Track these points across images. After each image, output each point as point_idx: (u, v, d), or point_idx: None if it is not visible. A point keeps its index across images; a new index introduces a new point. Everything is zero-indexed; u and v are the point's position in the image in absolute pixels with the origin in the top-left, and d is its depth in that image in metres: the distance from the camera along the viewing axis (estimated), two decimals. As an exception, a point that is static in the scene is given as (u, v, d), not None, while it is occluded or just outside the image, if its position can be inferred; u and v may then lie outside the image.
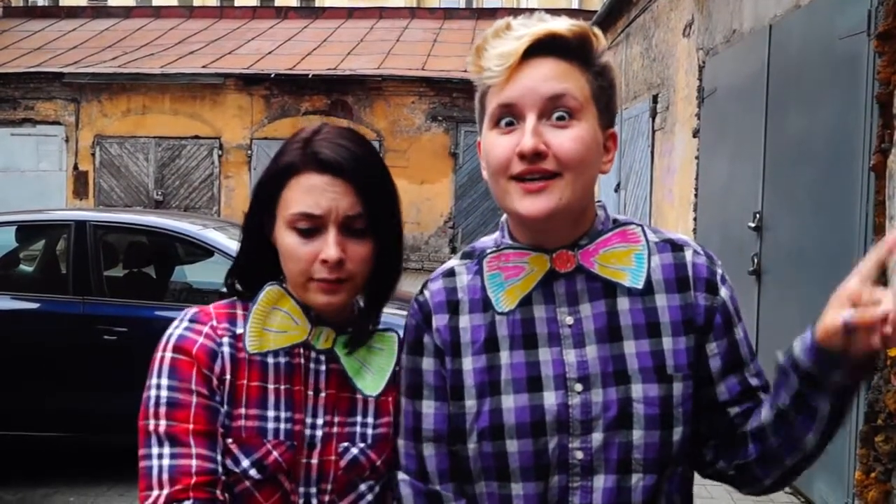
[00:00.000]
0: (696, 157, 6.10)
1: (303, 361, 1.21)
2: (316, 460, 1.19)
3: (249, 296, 1.22)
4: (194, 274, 5.36)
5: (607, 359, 1.12)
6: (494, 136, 1.11)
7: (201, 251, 4.63)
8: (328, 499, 1.19)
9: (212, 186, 14.54)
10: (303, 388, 1.20)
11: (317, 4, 22.78)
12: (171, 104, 14.47)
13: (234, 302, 1.24)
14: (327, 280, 1.15)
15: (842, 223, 3.62)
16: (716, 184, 5.61)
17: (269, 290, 1.21)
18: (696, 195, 6.14)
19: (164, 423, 1.12)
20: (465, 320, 1.17)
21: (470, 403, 1.14)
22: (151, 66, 14.57)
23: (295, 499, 1.18)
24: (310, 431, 1.19)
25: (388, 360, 1.24)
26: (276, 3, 22.22)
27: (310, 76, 14.14)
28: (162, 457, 1.11)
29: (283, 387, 1.18)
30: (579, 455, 1.10)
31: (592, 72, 1.11)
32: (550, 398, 1.11)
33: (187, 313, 1.20)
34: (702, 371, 1.15)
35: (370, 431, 1.22)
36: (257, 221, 1.22)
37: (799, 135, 4.17)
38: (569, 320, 1.13)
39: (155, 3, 21.55)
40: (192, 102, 14.45)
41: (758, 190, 4.65)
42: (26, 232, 5.05)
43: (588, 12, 13.54)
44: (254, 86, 14.37)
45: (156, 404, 1.13)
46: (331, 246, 1.14)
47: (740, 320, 1.18)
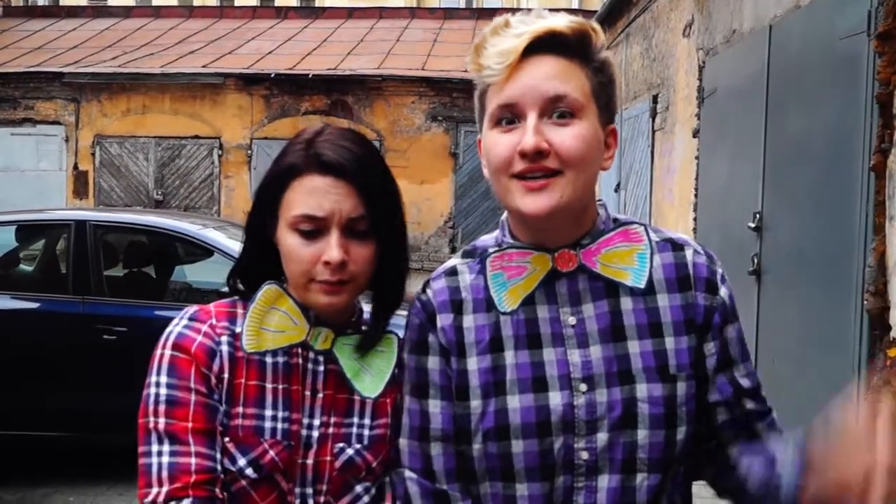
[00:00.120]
0: (696, 157, 6.09)
1: (301, 362, 1.20)
2: (312, 461, 1.18)
3: (250, 295, 1.22)
4: (194, 274, 5.36)
5: (611, 359, 1.11)
6: (495, 134, 1.10)
7: (201, 251, 4.64)
8: (324, 499, 1.19)
9: (212, 186, 14.54)
10: (300, 389, 1.19)
11: (317, 4, 22.77)
12: (171, 104, 14.47)
13: (235, 301, 1.23)
14: (329, 282, 1.15)
15: (842, 223, 3.62)
16: (716, 184, 5.60)
17: (268, 290, 1.21)
18: (696, 195, 6.14)
19: (164, 421, 1.12)
20: (469, 320, 1.16)
21: (475, 404, 1.13)
22: (151, 66, 14.57)
23: (291, 499, 1.18)
24: (306, 432, 1.18)
25: (387, 362, 1.24)
26: (276, 3, 22.21)
27: (310, 76, 14.14)
28: (161, 454, 1.11)
29: (280, 386, 1.18)
30: (584, 455, 1.10)
31: (592, 68, 1.10)
32: (556, 398, 1.10)
33: (187, 312, 1.20)
34: (700, 371, 1.15)
35: (367, 433, 1.21)
36: (259, 222, 1.22)
37: (799, 135, 4.17)
38: (571, 320, 1.13)
39: (155, 3, 21.54)
40: (192, 102, 14.45)
41: (758, 190, 4.65)
42: (26, 231, 5.05)
43: (588, 12, 13.55)
44: (254, 86, 14.37)
45: (155, 402, 1.13)
46: (333, 248, 1.13)
47: (737, 320, 1.18)
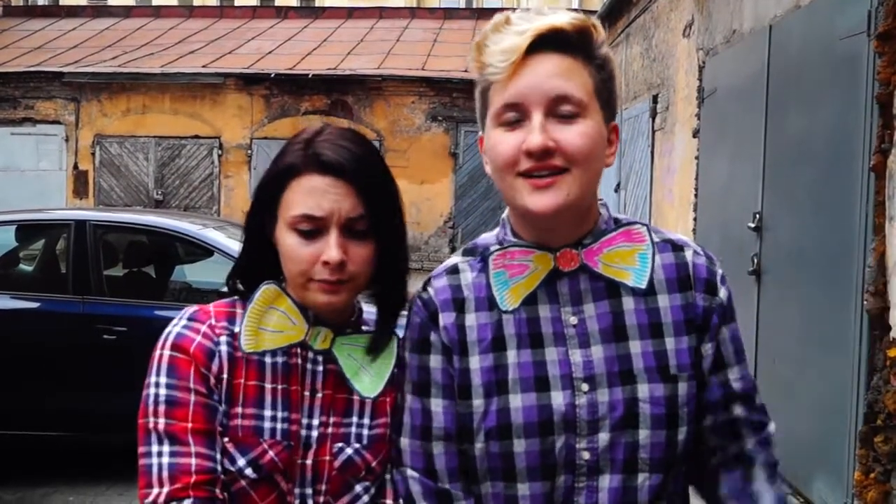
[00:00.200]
0: (696, 158, 6.09)
1: (300, 362, 1.20)
2: (311, 461, 1.18)
3: (249, 295, 1.22)
4: (194, 273, 5.36)
5: (613, 359, 1.11)
6: (500, 133, 1.10)
7: (201, 251, 4.64)
8: (323, 499, 1.19)
9: (212, 186, 14.53)
10: (299, 389, 1.19)
11: (317, 4, 22.77)
12: (171, 104, 14.47)
13: (235, 301, 1.23)
14: (328, 281, 1.14)
15: (842, 223, 3.62)
16: (716, 184, 5.60)
17: (266, 290, 1.20)
18: (696, 195, 6.14)
19: (164, 422, 1.12)
20: (471, 318, 1.16)
21: (477, 403, 1.13)
22: (151, 66, 14.57)
23: (291, 499, 1.17)
24: (305, 432, 1.18)
25: (386, 361, 1.23)
26: (276, 3, 22.21)
27: (310, 76, 14.13)
28: (161, 455, 1.11)
29: (280, 386, 1.18)
30: (586, 455, 1.10)
31: (594, 65, 1.10)
32: (558, 398, 1.10)
33: (186, 312, 1.20)
34: (697, 372, 1.15)
35: (366, 432, 1.21)
36: (258, 222, 1.21)
37: (799, 135, 4.17)
38: (573, 320, 1.13)
39: (155, 3, 21.54)
40: (191, 102, 14.45)
41: (758, 190, 4.65)
42: (26, 231, 5.05)
43: (588, 12, 13.57)
44: (254, 85, 14.37)
45: (154, 402, 1.13)
46: (332, 248, 1.13)
47: (734, 321, 1.18)
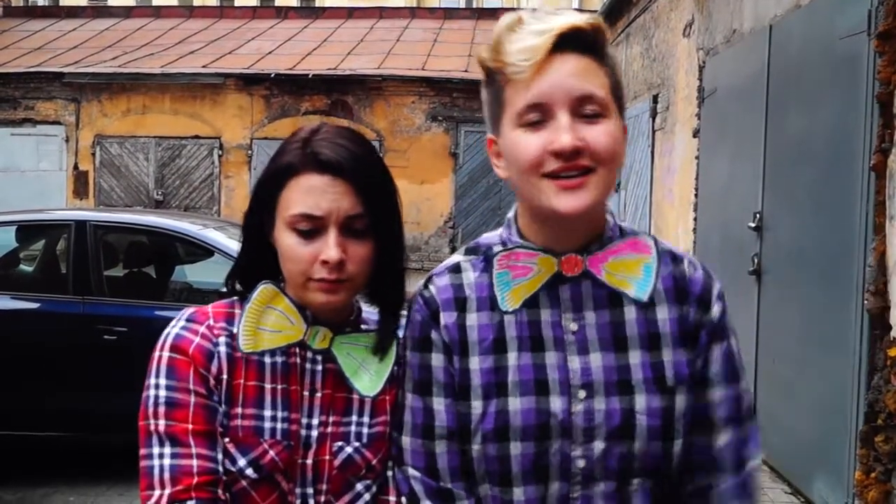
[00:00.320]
0: (697, 157, 6.09)
1: (299, 361, 1.20)
2: (311, 460, 1.18)
3: (247, 295, 1.22)
4: (194, 274, 5.36)
5: (612, 368, 1.11)
6: (521, 134, 1.08)
7: (201, 251, 4.64)
8: (324, 499, 1.19)
9: (212, 186, 14.53)
10: (299, 388, 1.19)
11: (317, 4, 22.77)
12: (172, 104, 14.47)
13: (234, 302, 1.23)
14: (327, 280, 1.14)
15: (842, 223, 3.62)
16: (716, 184, 5.60)
17: (263, 289, 1.20)
18: (696, 195, 6.13)
19: (164, 423, 1.12)
20: (472, 318, 1.15)
21: (476, 404, 1.13)
22: (151, 66, 14.56)
23: (292, 499, 1.17)
24: (305, 431, 1.18)
25: (386, 360, 1.23)
26: (277, 3, 22.20)
27: (310, 76, 14.13)
28: (163, 456, 1.11)
29: (279, 386, 1.18)
30: (581, 463, 1.10)
31: (608, 65, 1.10)
32: (556, 403, 1.10)
33: (184, 313, 1.20)
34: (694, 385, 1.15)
35: (366, 431, 1.21)
36: (257, 221, 1.21)
37: (799, 135, 4.17)
38: (573, 326, 1.13)
39: (155, 3, 21.54)
40: (192, 102, 14.45)
41: (758, 190, 4.65)
42: (26, 232, 5.05)
43: (588, 12, 13.56)
44: (254, 86, 14.36)
45: (154, 404, 1.13)
46: (331, 247, 1.13)
47: (725, 339, 1.16)
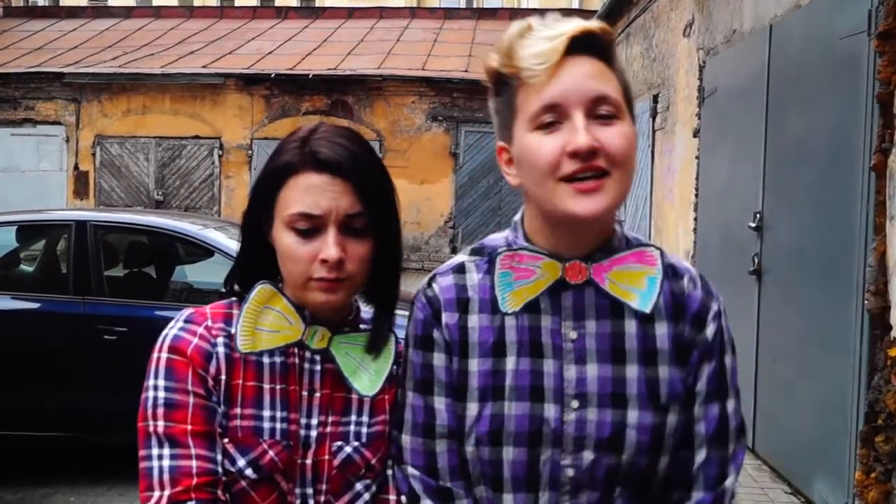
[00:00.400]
0: (697, 157, 6.09)
1: (297, 361, 1.20)
2: (310, 460, 1.18)
3: (245, 296, 1.21)
4: (195, 274, 5.36)
5: (607, 380, 1.11)
6: (536, 137, 1.07)
7: (202, 251, 4.63)
8: (324, 499, 1.19)
9: (212, 186, 14.54)
10: (297, 388, 1.19)
11: (317, 4, 22.77)
12: (172, 104, 14.47)
13: (232, 302, 1.23)
14: (327, 279, 1.14)
15: (842, 223, 3.62)
16: (716, 184, 5.60)
17: (261, 290, 1.20)
18: (696, 195, 6.13)
19: (163, 424, 1.12)
20: (473, 320, 1.15)
21: (472, 406, 1.13)
22: (152, 66, 14.57)
23: (292, 499, 1.17)
24: (304, 432, 1.18)
25: (384, 360, 1.24)
26: (277, 3, 22.21)
27: (310, 76, 14.13)
28: (162, 458, 1.11)
29: (278, 387, 1.18)
30: (570, 472, 1.10)
31: (618, 69, 1.11)
32: (549, 410, 1.10)
33: (182, 314, 1.20)
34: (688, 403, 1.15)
35: (365, 430, 1.21)
36: (255, 221, 1.21)
37: (799, 135, 4.17)
38: (572, 335, 1.12)
39: (155, 3, 21.54)
40: (192, 102, 14.45)
41: (758, 190, 4.65)
42: (27, 232, 5.05)
43: (588, 12, 13.54)
44: (254, 86, 14.37)
45: (153, 405, 1.13)
46: (331, 246, 1.13)
47: (719, 358, 1.15)
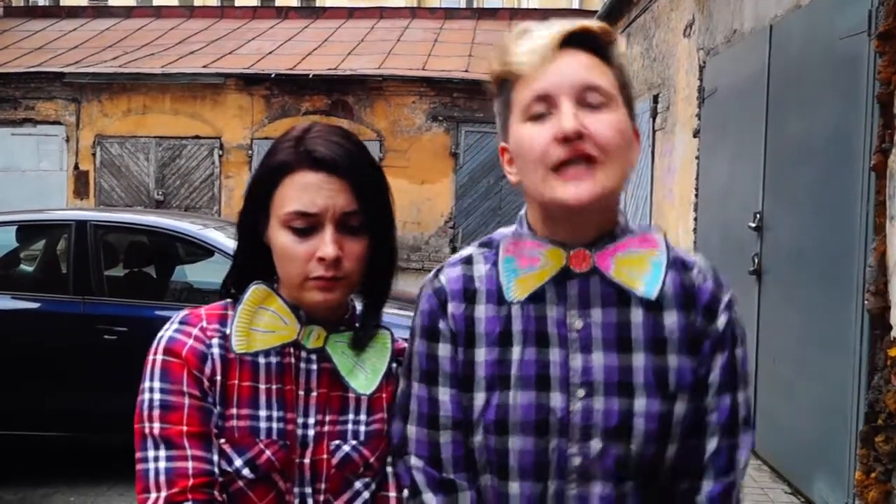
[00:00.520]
0: (697, 157, 6.09)
1: (293, 361, 1.20)
2: (308, 460, 1.18)
3: (239, 296, 1.21)
4: (195, 274, 5.36)
5: (613, 369, 1.11)
6: (528, 127, 1.10)
7: (202, 251, 4.63)
8: (323, 498, 1.19)
9: (212, 186, 14.54)
10: (294, 388, 1.19)
11: (317, 4, 22.77)
12: (172, 104, 14.47)
13: (228, 304, 1.23)
14: (324, 278, 1.14)
15: (842, 223, 3.62)
16: (716, 184, 5.60)
17: (255, 290, 1.20)
18: (696, 195, 6.14)
19: (158, 426, 1.12)
20: (480, 310, 1.16)
21: (479, 395, 1.13)
22: (152, 66, 14.57)
23: (290, 499, 1.17)
24: (302, 431, 1.18)
25: (381, 358, 1.24)
26: (277, 3, 22.21)
27: (310, 76, 14.13)
28: (158, 459, 1.11)
29: (274, 386, 1.18)
30: (577, 461, 1.10)
31: (616, 67, 1.13)
32: (556, 399, 1.10)
33: (178, 316, 1.20)
34: (697, 393, 1.14)
35: (363, 429, 1.21)
36: (251, 221, 1.21)
37: (799, 135, 4.17)
38: (578, 324, 1.12)
39: (155, 3, 21.54)
40: (192, 102, 14.45)
41: (758, 190, 4.65)
42: (27, 232, 5.05)
43: (588, 12, 13.53)
44: (254, 86, 14.37)
45: (149, 407, 1.13)
46: (328, 244, 1.13)
47: (731, 349, 1.15)
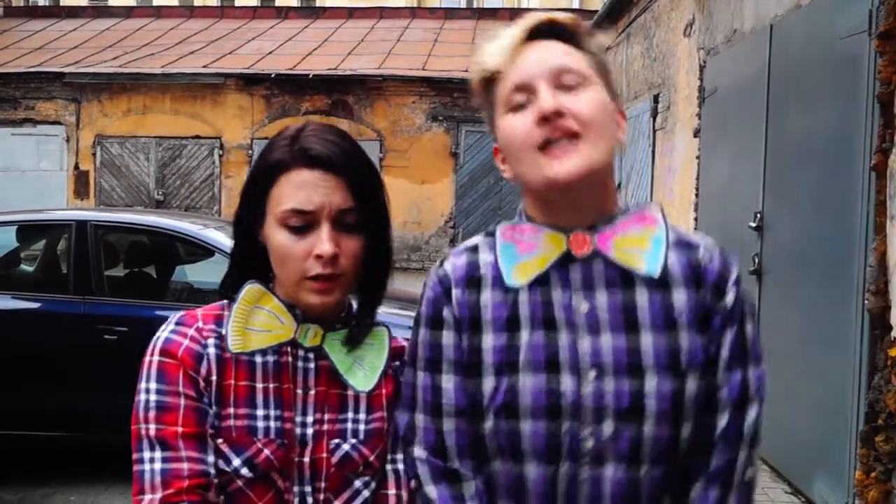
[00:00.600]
0: (697, 157, 6.09)
1: (290, 360, 1.20)
2: (308, 459, 1.18)
3: (234, 296, 1.22)
4: (195, 274, 5.36)
5: (622, 350, 1.11)
6: (510, 118, 1.13)
7: (202, 251, 4.63)
8: (323, 497, 1.18)
9: (212, 186, 14.54)
10: (291, 387, 1.19)
11: (317, 4, 22.76)
12: (172, 104, 14.47)
13: (224, 304, 1.23)
14: (322, 276, 1.14)
15: (842, 223, 3.62)
16: (717, 183, 5.60)
17: (249, 289, 1.20)
18: (696, 195, 6.14)
19: (154, 427, 1.12)
20: (486, 297, 1.16)
21: (487, 381, 1.13)
22: (152, 66, 14.56)
23: (289, 497, 1.17)
24: (300, 430, 1.18)
25: (379, 355, 1.24)
26: (277, 3, 22.20)
27: (310, 76, 14.12)
28: (154, 461, 1.11)
29: (271, 385, 1.18)
30: (590, 443, 1.10)
31: (589, 52, 1.16)
32: (566, 382, 1.10)
33: (174, 317, 1.20)
34: (709, 370, 1.14)
35: (362, 427, 1.21)
36: (247, 220, 1.21)
37: (800, 135, 4.17)
38: (584, 307, 1.13)
39: (155, 3, 21.53)
40: (192, 102, 14.45)
41: (758, 190, 4.65)
42: (27, 232, 5.05)
43: (588, 12, 13.53)
44: (254, 86, 14.36)
45: (145, 408, 1.13)
46: (325, 241, 1.13)
47: (740, 324, 1.15)
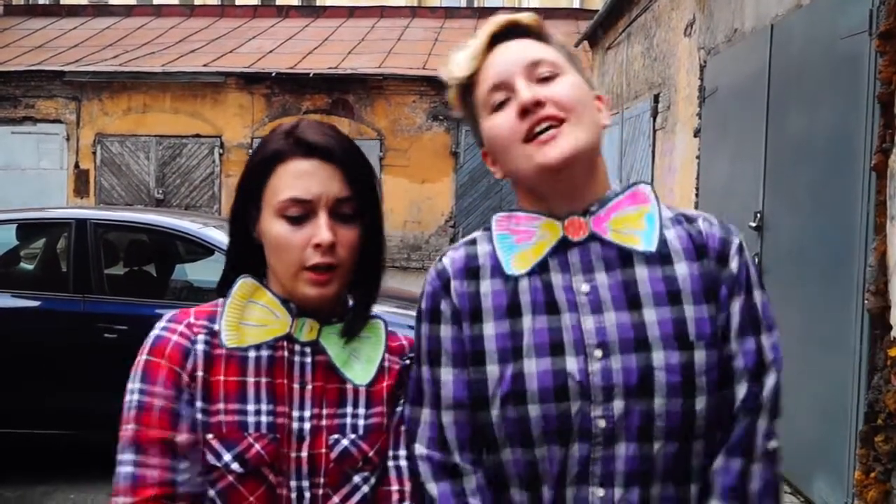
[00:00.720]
0: (697, 157, 6.09)
1: (286, 354, 1.19)
2: (306, 453, 1.17)
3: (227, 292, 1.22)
4: (195, 272, 5.36)
5: (627, 326, 1.11)
6: (493, 117, 1.16)
7: (202, 249, 4.63)
8: (322, 492, 1.18)
9: (213, 185, 14.53)
10: (286, 381, 1.18)
11: (318, 3, 22.75)
12: (172, 103, 14.47)
13: (219, 301, 1.23)
14: (320, 266, 1.14)
15: (843, 223, 3.62)
16: (717, 183, 5.60)
17: (242, 284, 1.20)
18: (697, 195, 6.14)
19: (132, 428, 1.13)
20: (485, 286, 1.17)
21: (492, 369, 1.13)
22: (152, 65, 14.56)
23: (286, 493, 1.16)
24: (297, 424, 1.17)
25: (375, 348, 1.24)
26: (278, 2, 22.17)
27: (311, 75, 14.12)
28: (124, 464, 1.12)
29: (263, 380, 1.17)
30: (601, 423, 1.09)
31: (555, 44, 1.20)
32: (572, 363, 1.10)
33: (167, 315, 1.21)
34: (719, 341, 1.13)
35: (361, 422, 1.20)
36: (243, 213, 1.21)
37: (800, 134, 4.17)
38: (585, 287, 1.13)
39: (156, 2, 21.51)
40: (192, 101, 14.45)
41: (759, 189, 4.65)
42: (27, 230, 5.05)
43: (589, 12, 13.53)
44: (255, 84, 14.36)
45: (128, 409, 1.15)
46: (323, 229, 1.13)
47: (748, 292, 1.15)
